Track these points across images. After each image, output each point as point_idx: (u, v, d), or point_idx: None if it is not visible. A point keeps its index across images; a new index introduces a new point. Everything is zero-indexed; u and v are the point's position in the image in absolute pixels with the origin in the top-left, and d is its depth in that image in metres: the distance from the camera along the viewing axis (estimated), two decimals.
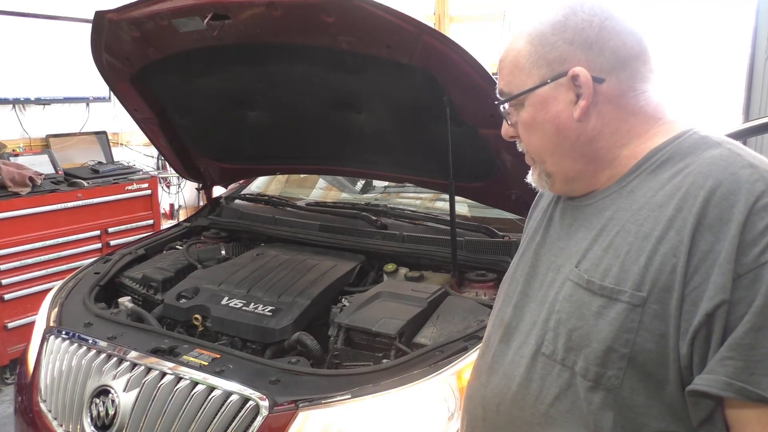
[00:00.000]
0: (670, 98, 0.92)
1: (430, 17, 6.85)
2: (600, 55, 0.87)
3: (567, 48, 0.87)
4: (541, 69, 0.89)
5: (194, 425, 1.47)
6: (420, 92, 1.79)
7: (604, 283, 0.83)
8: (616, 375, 0.80)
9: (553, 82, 0.89)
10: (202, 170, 2.61)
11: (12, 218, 3.24)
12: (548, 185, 0.97)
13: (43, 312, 2.01)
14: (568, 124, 0.89)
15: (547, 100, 0.90)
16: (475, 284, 1.97)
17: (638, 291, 0.79)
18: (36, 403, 1.77)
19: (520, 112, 0.94)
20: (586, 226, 0.91)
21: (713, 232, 0.75)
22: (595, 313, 0.83)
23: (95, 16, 1.88)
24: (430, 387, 1.47)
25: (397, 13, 1.54)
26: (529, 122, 0.93)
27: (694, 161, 0.83)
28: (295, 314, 1.81)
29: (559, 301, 0.89)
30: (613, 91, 0.88)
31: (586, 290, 0.85)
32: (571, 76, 0.87)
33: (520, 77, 0.92)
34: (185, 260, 2.30)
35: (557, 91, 0.89)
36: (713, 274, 0.73)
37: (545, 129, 0.91)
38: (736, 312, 0.72)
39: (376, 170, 2.36)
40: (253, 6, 1.65)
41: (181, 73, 2.11)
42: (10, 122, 3.84)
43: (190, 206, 4.93)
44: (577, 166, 0.92)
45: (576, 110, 0.88)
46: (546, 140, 0.92)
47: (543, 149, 0.94)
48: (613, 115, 0.89)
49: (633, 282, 0.79)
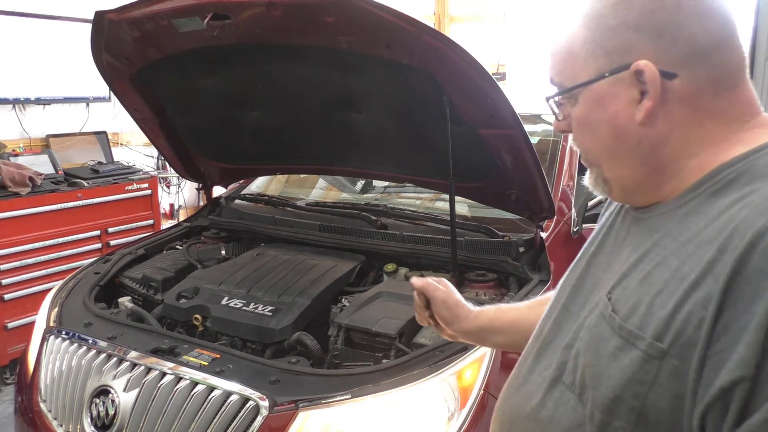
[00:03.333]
0: None
1: (430, 17, 6.85)
2: (672, 45, 0.71)
3: (631, 35, 0.72)
4: (598, 59, 0.75)
5: (194, 425, 1.47)
6: (420, 92, 1.79)
7: (626, 322, 0.71)
8: (623, 428, 0.70)
9: (611, 76, 0.74)
10: (202, 170, 2.61)
11: (12, 218, 3.24)
12: (606, 192, 0.84)
13: (43, 312, 2.01)
14: (627, 127, 0.75)
15: (604, 97, 0.76)
16: (475, 284, 1.97)
17: (658, 341, 0.66)
18: (36, 403, 1.77)
19: (574, 106, 0.80)
20: (634, 245, 0.78)
21: (752, 287, 0.60)
22: (610, 354, 0.71)
23: (95, 16, 1.88)
24: (430, 387, 1.47)
25: (397, 13, 1.54)
26: (583, 120, 0.80)
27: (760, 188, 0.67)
28: (295, 314, 1.81)
29: (584, 327, 0.79)
30: (687, 89, 0.72)
31: (608, 324, 0.73)
32: (635, 71, 0.72)
33: (573, 67, 0.78)
34: (185, 260, 2.30)
35: (617, 87, 0.74)
36: (740, 342, 0.60)
37: (600, 130, 0.78)
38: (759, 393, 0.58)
39: (376, 170, 2.36)
40: (253, 6, 1.65)
41: (181, 73, 2.11)
42: (10, 122, 3.84)
43: (190, 206, 4.93)
44: (637, 176, 0.78)
45: (639, 111, 0.73)
46: (601, 143, 0.79)
47: (598, 152, 0.81)
48: (685, 118, 0.73)
49: (655, 329, 0.67)
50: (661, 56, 0.71)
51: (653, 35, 0.72)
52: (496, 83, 1.63)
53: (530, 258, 1.98)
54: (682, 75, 0.72)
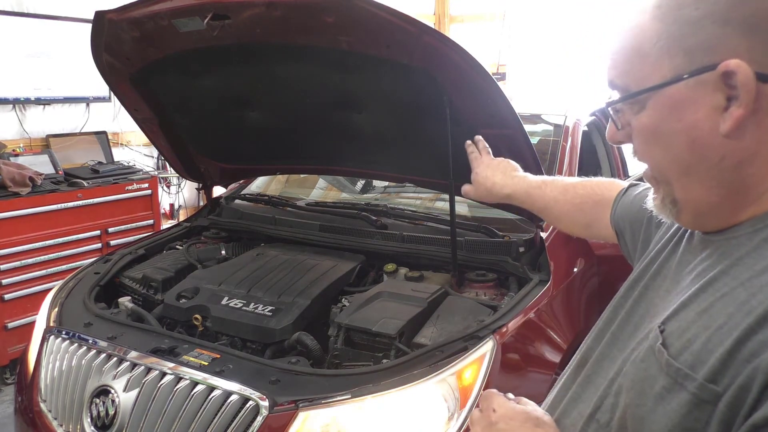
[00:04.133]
0: None
1: (430, 17, 6.86)
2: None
3: (718, 30, 0.61)
4: (675, 58, 0.64)
5: (194, 425, 1.47)
6: (420, 92, 1.79)
7: (675, 360, 0.62)
8: None
9: (692, 78, 0.63)
10: (202, 170, 2.61)
11: (12, 218, 3.24)
12: (673, 215, 0.72)
13: (43, 312, 2.01)
14: (708, 140, 0.63)
15: (682, 103, 0.64)
16: (475, 284, 1.97)
17: (712, 383, 0.57)
18: (36, 403, 1.77)
19: (639, 114, 0.69)
20: (698, 272, 0.69)
21: None
22: (657, 395, 0.63)
23: (95, 16, 1.88)
24: (430, 387, 1.47)
25: (397, 13, 1.54)
26: (651, 130, 0.68)
27: None
28: (295, 314, 1.81)
29: (630, 361, 0.70)
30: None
31: (656, 361, 0.64)
32: (723, 73, 0.60)
33: (642, 67, 0.66)
34: (185, 260, 2.30)
35: (697, 92, 0.63)
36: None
37: (674, 142, 0.66)
38: None
39: (376, 170, 2.36)
40: (253, 6, 1.65)
41: (181, 73, 2.11)
42: (10, 122, 3.84)
43: (190, 206, 4.93)
44: (713, 198, 0.67)
45: (725, 121, 0.62)
46: (673, 157, 0.67)
47: (668, 168, 0.69)
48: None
49: (709, 369, 0.58)
50: (756, 55, 0.60)
51: (746, 29, 0.60)
52: (496, 83, 1.63)
53: (530, 258, 1.98)
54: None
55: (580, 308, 2.04)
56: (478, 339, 1.56)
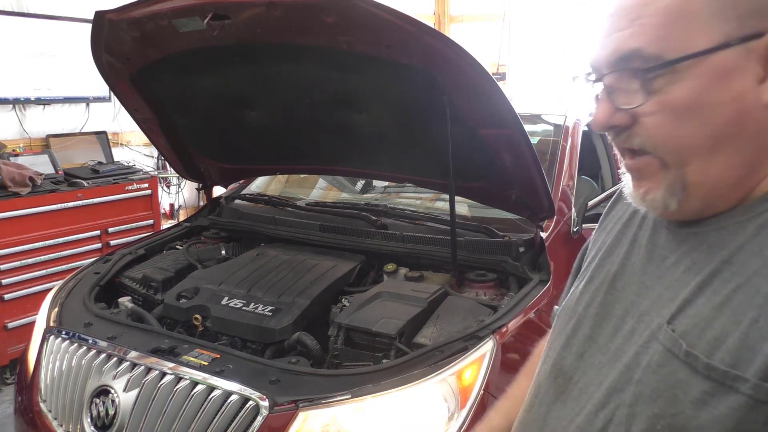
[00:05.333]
0: None
1: (430, 17, 6.86)
2: None
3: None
4: (726, 23, 0.59)
5: (194, 425, 1.47)
6: (420, 92, 1.79)
7: (712, 360, 0.59)
8: None
9: (741, 45, 0.59)
10: (202, 170, 2.61)
11: (12, 218, 3.24)
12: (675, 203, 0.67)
13: (43, 312, 2.01)
14: (753, 112, 0.61)
15: (729, 71, 0.60)
16: (475, 284, 1.97)
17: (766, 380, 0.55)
18: (36, 403, 1.77)
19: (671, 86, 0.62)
20: (689, 265, 0.66)
21: None
22: (696, 401, 0.59)
23: (95, 16, 1.88)
24: (430, 387, 1.47)
25: (397, 13, 1.54)
26: (689, 103, 0.62)
27: None
28: (295, 314, 1.81)
29: (642, 368, 0.65)
30: None
31: (683, 363, 0.61)
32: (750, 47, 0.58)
33: (688, 31, 0.60)
34: (185, 260, 2.30)
35: (744, 60, 0.59)
36: None
37: (716, 115, 0.61)
38: None
39: (376, 170, 2.36)
40: (253, 6, 1.65)
41: (181, 73, 2.11)
42: (10, 122, 3.84)
43: (190, 206, 4.93)
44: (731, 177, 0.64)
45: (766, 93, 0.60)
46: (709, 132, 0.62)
47: (698, 146, 0.63)
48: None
49: (761, 366, 0.55)
50: None
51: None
52: (496, 83, 1.63)
53: (530, 258, 1.98)
54: None
55: None
56: (478, 339, 1.56)
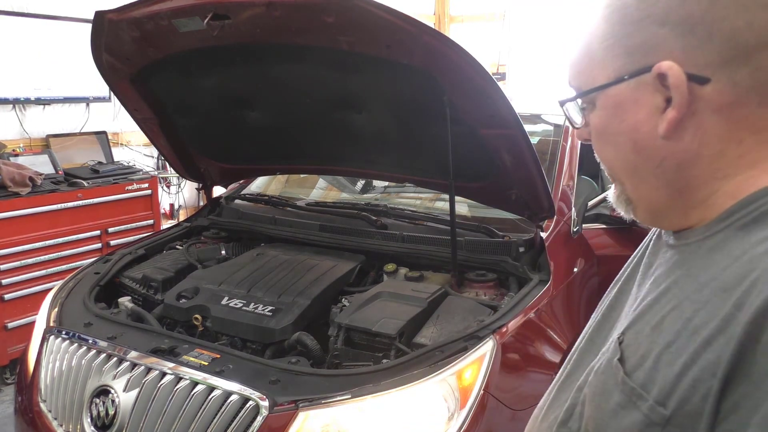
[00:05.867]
0: None
1: (430, 17, 6.86)
2: (706, 43, 0.58)
3: (656, 30, 0.60)
4: (617, 59, 0.63)
5: (194, 425, 1.47)
6: (420, 92, 1.79)
7: (629, 377, 0.61)
8: None
9: (632, 79, 0.63)
10: (202, 170, 2.61)
11: (12, 218, 3.24)
12: (630, 211, 0.72)
13: (43, 312, 2.01)
14: (650, 142, 0.63)
15: (624, 103, 0.64)
16: (475, 284, 1.97)
17: (661, 405, 0.57)
18: (36, 403, 1.77)
19: (591, 114, 0.69)
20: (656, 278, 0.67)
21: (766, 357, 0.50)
22: (611, 411, 0.63)
23: (95, 16, 1.88)
24: (430, 387, 1.47)
25: (397, 13, 1.54)
26: (601, 130, 0.69)
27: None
28: (295, 314, 1.81)
29: (594, 372, 0.69)
30: (723, 96, 0.59)
31: (613, 374, 0.64)
32: (657, 74, 0.60)
33: (591, 68, 0.67)
34: (185, 260, 2.30)
35: (639, 93, 0.63)
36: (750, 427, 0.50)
37: (619, 143, 0.66)
38: None
39: (376, 170, 2.36)
40: (253, 6, 1.65)
41: (181, 73, 2.11)
42: (10, 122, 3.84)
43: (190, 206, 4.93)
44: (661, 198, 0.67)
45: (662, 123, 0.62)
46: (621, 157, 0.67)
47: (618, 167, 0.69)
48: (720, 133, 0.60)
49: (660, 390, 0.57)
50: (691, 56, 0.59)
51: (682, 30, 0.59)
52: (496, 83, 1.63)
53: (530, 258, 1.98)
54: (718, 79, 0.59)
55: (580, 308, 2.04)
56: (478, 339, 1.56)
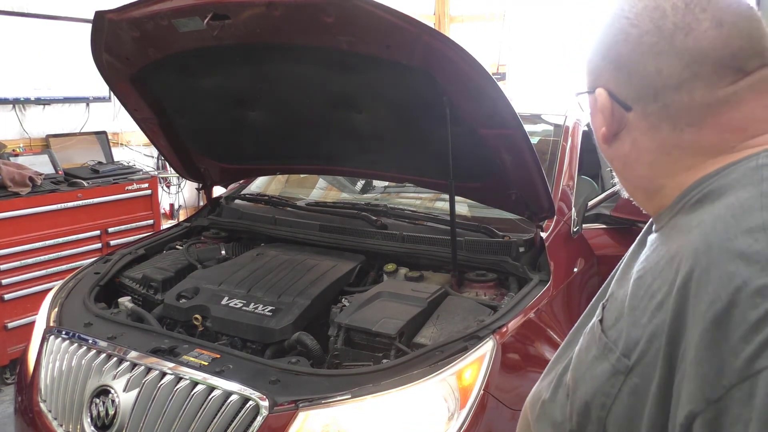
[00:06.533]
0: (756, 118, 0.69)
1: (430, 17, 6.86)
2: (628, 80, 0.72)
3: (599, 61, 0.75)
4: (587, 76, 0.79)
5: (194, 425, 1.47)
6: (420, 92, 1.79)
7: (605, 334, 0.73)
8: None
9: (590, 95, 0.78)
10: (202, 170, 2.61)
11: (12, 218, 3.24)
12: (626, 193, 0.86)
13: (43, 312, 2.01)
14: (602, 144, 0.79)
15: (592, 109, 0.79)
16: (475, 284, 1.97)
17: (626, 357, 0.68)
18: (36, 403, 1.77)
19: None
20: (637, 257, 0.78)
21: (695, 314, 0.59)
22: (589, 362, 0.74)
23: (95, 16, 1.88)
24: (430, 387, 1.47)
25: (397, 13, 1.54)
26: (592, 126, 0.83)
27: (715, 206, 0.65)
28: (295, 314, 1.81)
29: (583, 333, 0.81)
30: (642, 123, 0.73)
31: (594, 332, 0.76)
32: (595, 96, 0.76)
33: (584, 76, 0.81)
34: (185, 260, 2.30)
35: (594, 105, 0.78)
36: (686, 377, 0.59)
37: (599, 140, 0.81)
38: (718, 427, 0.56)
39: (376, 170, 2.36)
40: (253, 6, 1.65)
41: (181, 73, 2.11)
42: (10, 122, 3.84)
43: (190, 206, 4.93)
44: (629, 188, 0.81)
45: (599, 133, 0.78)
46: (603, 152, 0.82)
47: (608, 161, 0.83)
48: (650, 146, 0.73)
49: (626, 344, 0.68)
50: (620, 89, 0.73)
51: (614, 67, 0.73)
52: (496, 83, 1.63)
53: (530, 258, 1.98)
54: (635, 110, 0.72)
55: (580, 308, 2.04)
56: (478, 339, 1.56)
